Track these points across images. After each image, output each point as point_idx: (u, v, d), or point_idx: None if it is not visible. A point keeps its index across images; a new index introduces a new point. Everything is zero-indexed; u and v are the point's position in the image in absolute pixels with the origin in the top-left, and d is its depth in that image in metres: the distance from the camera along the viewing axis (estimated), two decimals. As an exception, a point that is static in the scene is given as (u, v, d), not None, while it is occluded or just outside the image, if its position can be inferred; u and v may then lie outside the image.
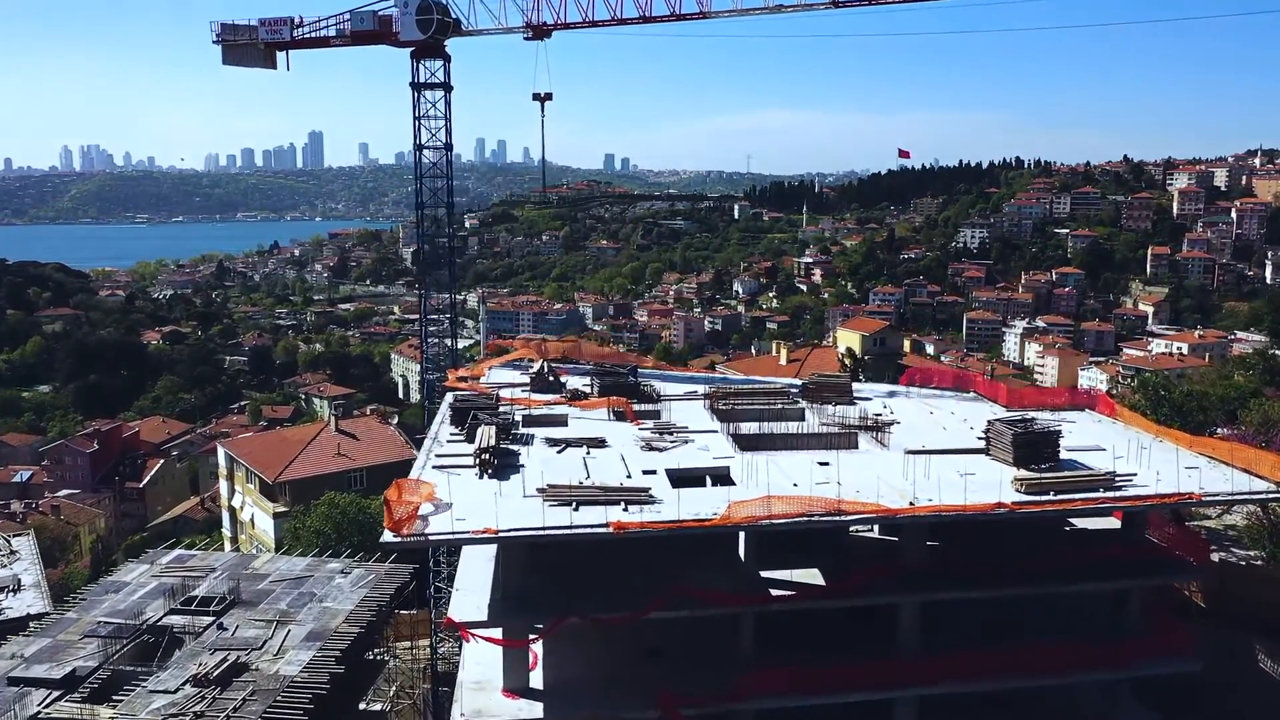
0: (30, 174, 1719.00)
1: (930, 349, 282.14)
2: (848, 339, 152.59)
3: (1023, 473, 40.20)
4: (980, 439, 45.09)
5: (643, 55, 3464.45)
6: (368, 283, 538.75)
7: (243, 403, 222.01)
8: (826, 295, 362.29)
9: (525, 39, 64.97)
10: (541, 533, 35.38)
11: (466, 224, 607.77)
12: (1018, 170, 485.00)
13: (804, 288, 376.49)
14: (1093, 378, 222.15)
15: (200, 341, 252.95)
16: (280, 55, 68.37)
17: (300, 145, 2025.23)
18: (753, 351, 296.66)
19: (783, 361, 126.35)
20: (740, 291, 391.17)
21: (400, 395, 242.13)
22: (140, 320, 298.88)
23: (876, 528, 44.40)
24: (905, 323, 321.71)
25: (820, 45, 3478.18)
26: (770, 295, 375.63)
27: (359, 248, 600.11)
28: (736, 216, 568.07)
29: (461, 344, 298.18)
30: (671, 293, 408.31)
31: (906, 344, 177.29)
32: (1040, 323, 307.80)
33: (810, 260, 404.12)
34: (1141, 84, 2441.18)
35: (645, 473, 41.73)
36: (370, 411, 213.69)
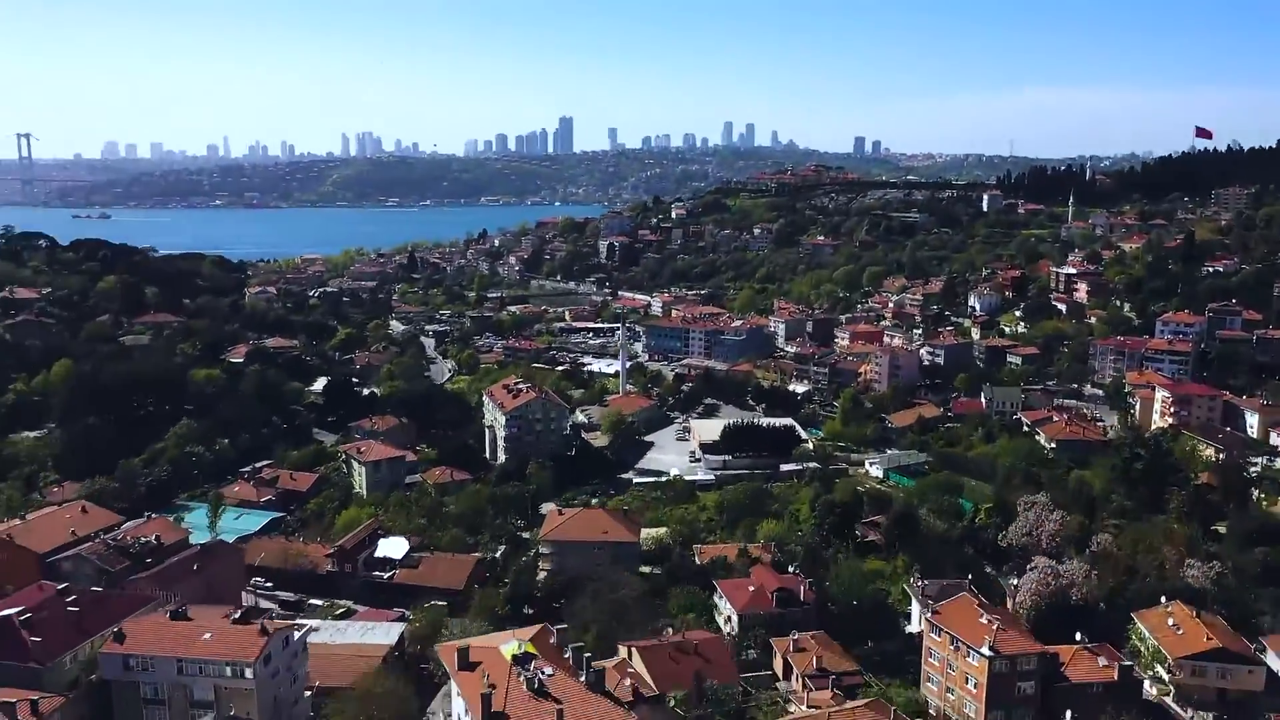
0: (302, 160, 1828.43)
1: (1254, 419, 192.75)
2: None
3: None
4: None
5: (896, 24, 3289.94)
6: (558, 278, 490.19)
7: (261, 464, 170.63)
8: (1093, 320, 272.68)
9: None
10: None
11: (673, 214, 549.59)
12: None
13: (1062, 307, 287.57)
14: None
15: (257, 374, 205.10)
16: None
17: (551, 131, 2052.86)
18: (982, 400, 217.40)
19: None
20: (976, 308, 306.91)
21: (488, 454, 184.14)
22: (232, 334, 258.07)
23: None
24: (1209, 366, 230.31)
25: (1097, 11, 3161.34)
26: (1015, 316, 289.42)
27: (558, 238, 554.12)
28: (985, 208, 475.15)
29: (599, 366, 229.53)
30: (890, 305, 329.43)
31: None
32: None
33: (1073, 271, 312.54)
34: None
35: None
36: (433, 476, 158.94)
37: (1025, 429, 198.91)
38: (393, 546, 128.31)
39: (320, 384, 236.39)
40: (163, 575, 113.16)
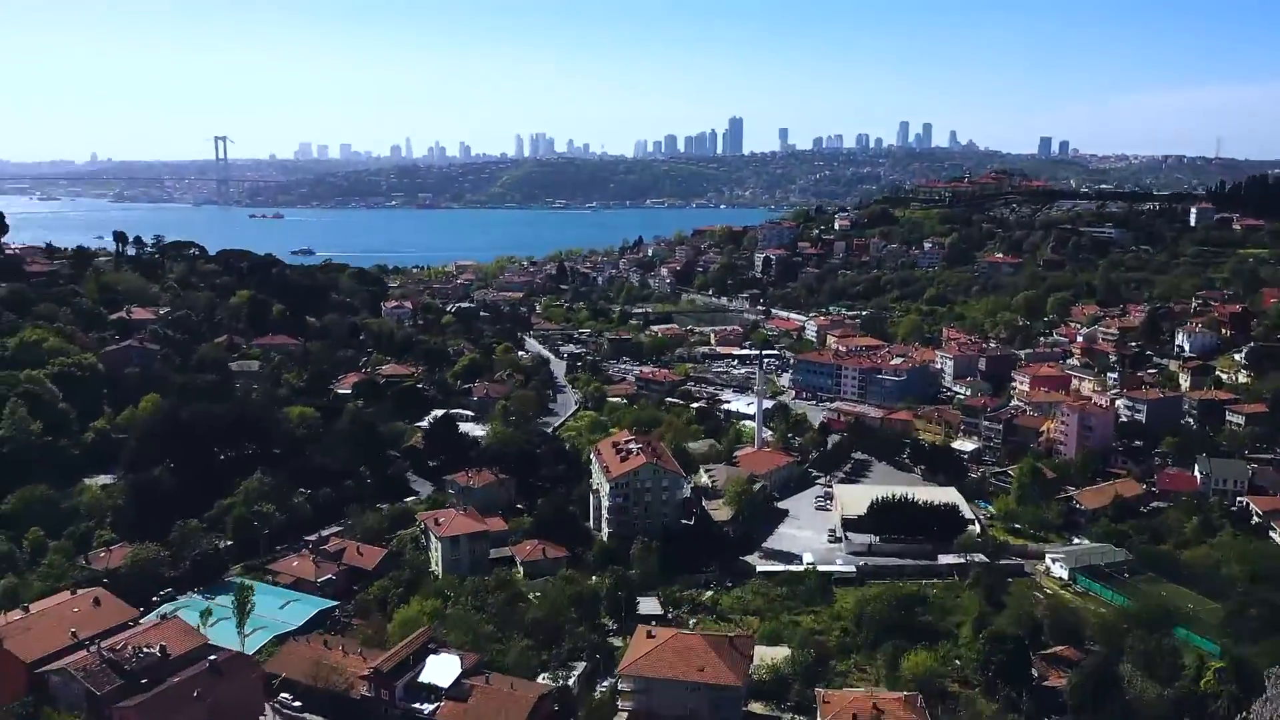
0: (474, 161, 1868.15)
1: None
2: None
3: None
4: None
5: (1086, 14, 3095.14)
6: (710, 292, 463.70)
7: (329, 531, 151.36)
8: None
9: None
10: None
11: (836, 225, 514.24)
12: None
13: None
14: None
15: (353, 414, 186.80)
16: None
17: (720, 132, 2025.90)
18: (1196, 474, 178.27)
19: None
20: (1185, 348, 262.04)
21: (592, 521, 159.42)
22: (348, 359, 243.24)
23: None
24: None
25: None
26: (1236, 361, 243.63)
27: (713, 248, 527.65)
28: (1193, 223, 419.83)
29: (738, 405, 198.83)
30: (1079, 338, 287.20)
31: None
32: None
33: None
34: None
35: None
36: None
37: (1256, 519, 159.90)
38: (442, 668, 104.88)
39: (430, 419, 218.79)
40: (156, 703, 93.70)
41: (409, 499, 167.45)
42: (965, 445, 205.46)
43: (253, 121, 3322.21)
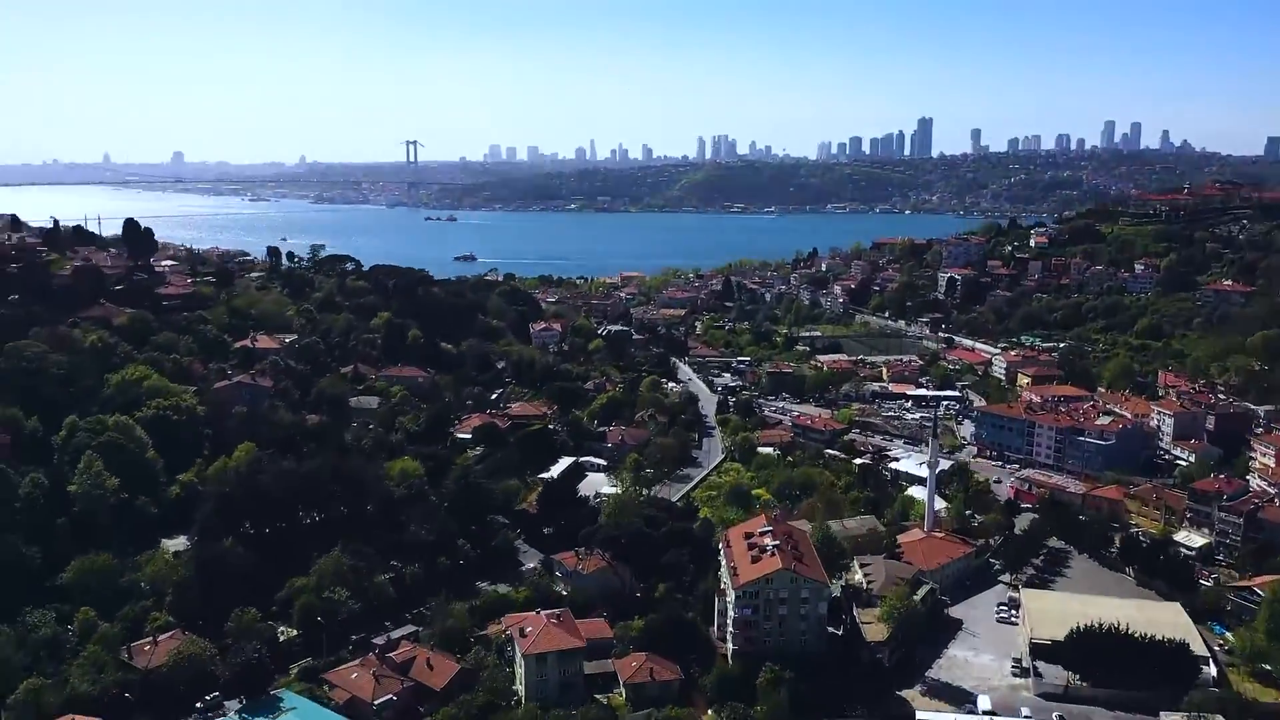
0: (654, 164, 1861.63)
1: None
2: None
3: None
4: None
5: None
6: (886, 314, 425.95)
7: (400, 633, 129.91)
8: None
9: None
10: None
11: (1032, 242, 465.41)
12: None
13: None
14: None
15: (464, 472, 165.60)
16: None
17: (909, 133, 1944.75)
18: None
19: None
20: None
21: (716, 627, 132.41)
22: (477, 396, 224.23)
23: None
24: None
25: None
26: None
27: (893, 264, 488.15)
28: None
29: (908, 464, 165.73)
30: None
31: None
32: None
33: None
34: None
35: None
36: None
37: None
38: None
39: (558, 469, 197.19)
40: None
41: (502, 588, 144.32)
42: (1192, 539, 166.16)
43: (447, 125, 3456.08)
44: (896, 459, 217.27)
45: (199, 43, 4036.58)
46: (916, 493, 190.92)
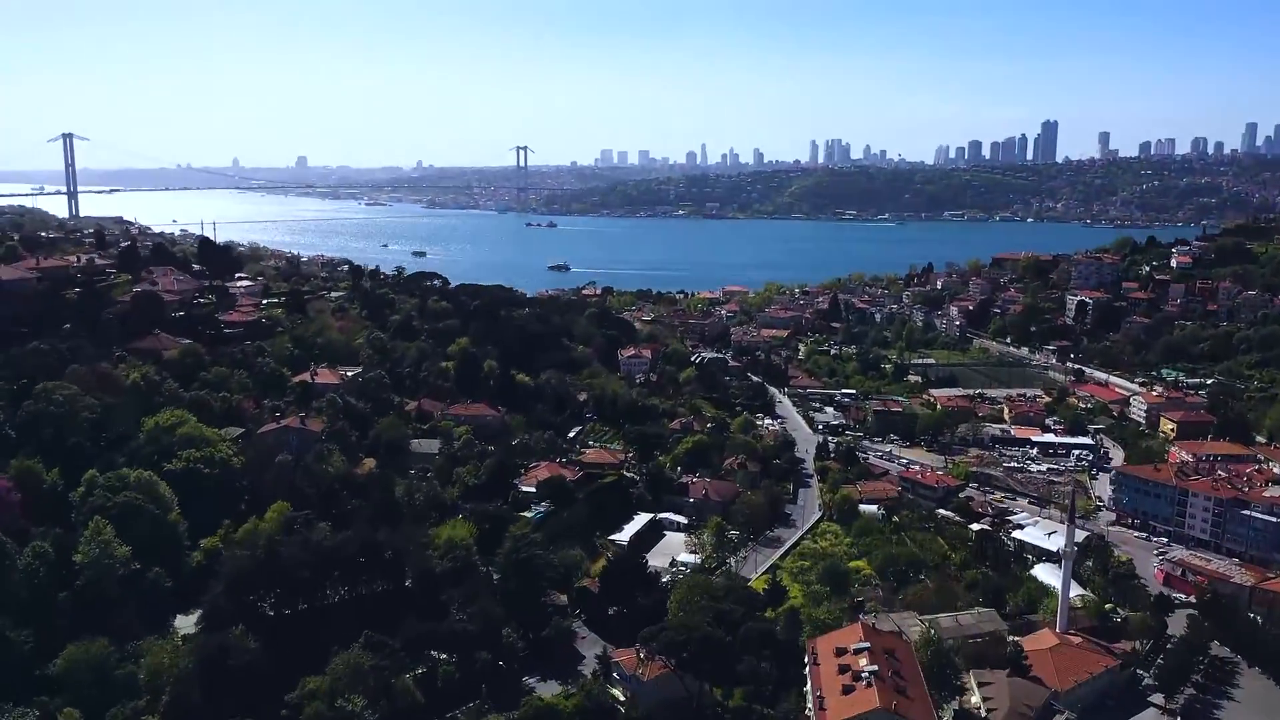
0: (764, 169, 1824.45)
1: None
2: None
3: None
4: None
5: None
6: (1008, 340, 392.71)
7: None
8: None
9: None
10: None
11: (1173, 262, 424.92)
12: None
13: None
14: None
15: (518, 543, 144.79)
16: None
17: (1032, 137, 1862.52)
18: None
19: None
20: None
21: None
22: (548, 442, 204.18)
23: None
24: None
25: None
26: None
27: (1015, 284, 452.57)
28: None
29: (1034, 534, 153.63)
30: None
31: None
32: None
33: None
34: None
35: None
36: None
37: None
38: None
39: (632, 528, 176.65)
40: None
41: (552, 690, 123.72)
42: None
43: (560, 130, 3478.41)
44: (1020, 525, 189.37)
45: (327, 55, 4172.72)
46: (1043, 573, 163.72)
